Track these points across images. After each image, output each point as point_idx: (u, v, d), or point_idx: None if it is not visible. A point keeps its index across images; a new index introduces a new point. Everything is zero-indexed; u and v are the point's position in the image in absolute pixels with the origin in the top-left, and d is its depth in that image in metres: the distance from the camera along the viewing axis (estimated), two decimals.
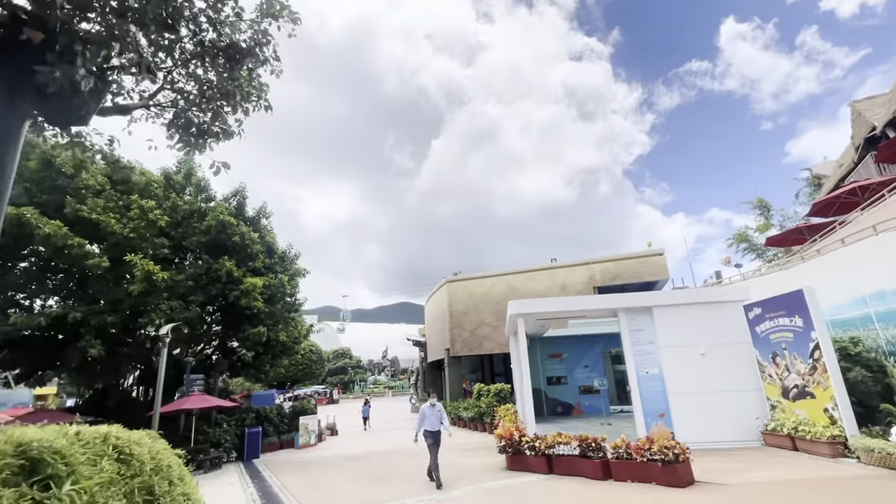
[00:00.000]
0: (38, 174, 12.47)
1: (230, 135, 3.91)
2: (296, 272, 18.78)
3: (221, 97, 3.64)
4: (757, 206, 34.84)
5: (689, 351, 10.47)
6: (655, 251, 21.61)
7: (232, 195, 17.49)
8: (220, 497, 9.41)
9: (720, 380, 10.21)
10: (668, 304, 10.70)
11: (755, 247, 33.81)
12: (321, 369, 55.23)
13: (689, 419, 10.01)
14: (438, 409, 8.98)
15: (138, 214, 13.22)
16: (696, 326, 10.58)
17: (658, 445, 6.96)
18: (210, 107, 3.66)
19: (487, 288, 22.74)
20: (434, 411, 8.88)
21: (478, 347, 22.20)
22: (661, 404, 10.35)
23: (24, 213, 10.79)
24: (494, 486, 8.24)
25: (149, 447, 3.62)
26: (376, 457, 12.89)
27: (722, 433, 9.86)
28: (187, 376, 15.17)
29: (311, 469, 11.90)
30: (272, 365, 19.68)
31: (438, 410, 8.94)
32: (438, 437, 8.85)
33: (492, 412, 16.21)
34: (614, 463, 7.57)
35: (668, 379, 10.38)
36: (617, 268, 21.42)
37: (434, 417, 8.81)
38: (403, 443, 15.82)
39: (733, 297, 10.62)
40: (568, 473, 8.23)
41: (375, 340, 77.83)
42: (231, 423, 15.55)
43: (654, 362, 10.62)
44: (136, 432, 3.86)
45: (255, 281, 14.64)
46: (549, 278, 21.72)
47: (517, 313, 10.88)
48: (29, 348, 11.84)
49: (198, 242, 14.93)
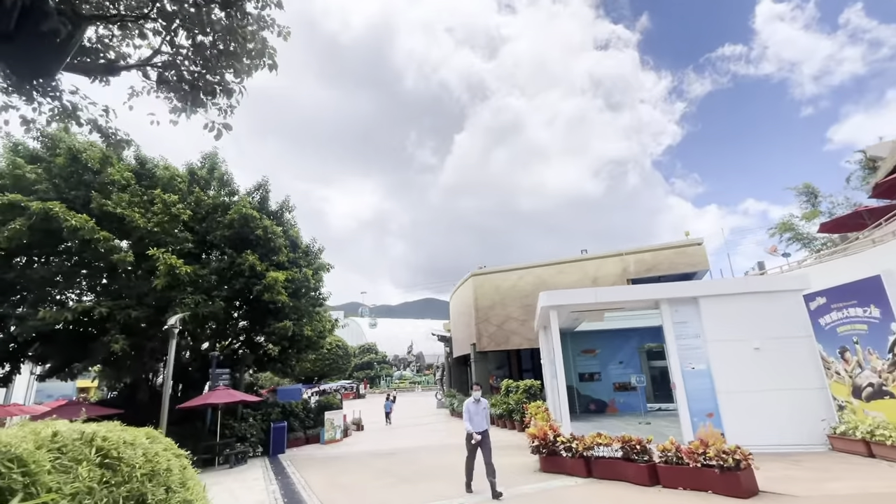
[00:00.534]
0: (66, 170, 12.60)
1: (230, 92, 3.47)
2: (320, 266, 18.58)
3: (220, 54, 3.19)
4: (803, 193, 32.54)
5: (740, 345, 9.51)
6: (693, 241, 20.36)
7: (255, 189, 17.41)
8: (242, 494, 9.19)
9: (777, 377, 9.23)
10: (717, 294, 9.76)
11: (801, 236, 31.62)
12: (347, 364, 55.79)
13: (741, 420, 9.09)
14: (484, 405, 7.80)
15: (161, 209, 13.22)
16: (748, 318, 9.60)
17: (715, 449, 6.18)
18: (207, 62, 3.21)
19: (514, 281, 22.00)
20: (479, 408, 7.71)
21: (505, 342, 21.54)
22: (708, 403, 9.46)
23: (51, 207, 10.86)
24: (528, 489, 7.63)
25: (145, 449, 3.21)
26: (402, 454, 12.49)
27: (780, 436, 8.90)
28: (213, 371, 15.18)
29: (335, 466, 11.61)
30: (298, 359, 19.61)
31: (484, 407, 7.78)
32: (487, 437, 7.68)
33: (521, 409, 15.56)
34: (662, 468, 6.83)
35: (716, 376, 9.48)
36: (652, 259, 20.29)
37: (479, 415, 7.65)
38: (430, 440, 15.41)
39: (791, 285, 9.58)
40: (608, 477, 7.54)
41: (401, 336, 78.17)
42: (257, 417, 15.52)
43: (700, 357, 9.72)
44: (132, 431, 3.47)
45: (277, 275, 14.46)
46: (579, 270, 20.80)
47: (549, 305, 10.18)
48: (58, 343, 12.00)
49: (221, 237, 14.87)
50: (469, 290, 23.45)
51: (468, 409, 7.70)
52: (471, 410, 7.69)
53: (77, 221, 11.01)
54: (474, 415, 7.65)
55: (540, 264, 21.85)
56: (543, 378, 16.20)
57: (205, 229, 15.11)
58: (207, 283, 14.00)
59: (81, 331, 12.59)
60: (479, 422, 7.62)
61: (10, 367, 12.52)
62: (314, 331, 17.57)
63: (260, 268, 14.51)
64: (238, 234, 15.00)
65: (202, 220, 15.27)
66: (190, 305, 12.95)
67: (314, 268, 17.92)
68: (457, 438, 15.09)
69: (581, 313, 11.34)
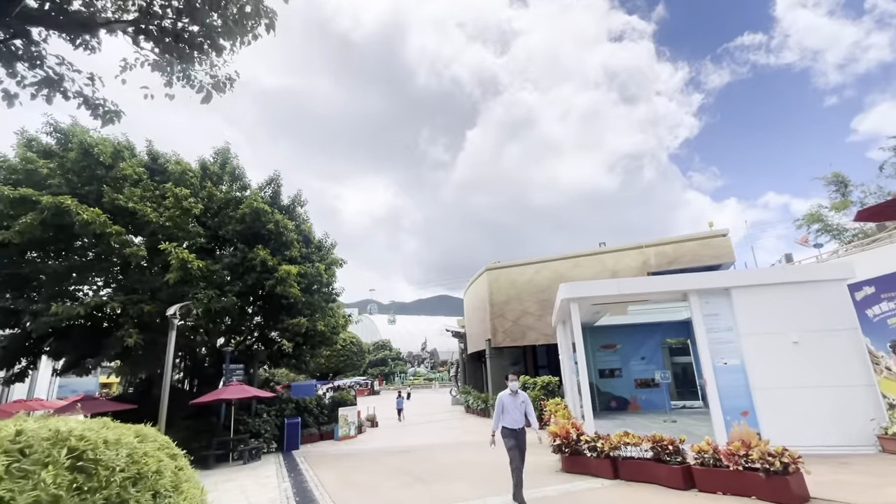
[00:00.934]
0: (79, 164, 12.55)
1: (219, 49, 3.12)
2: (333, 261, 18.34)
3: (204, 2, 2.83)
4: (832, 183, 31.06)
5: (776, 339, 8.88)
6: (718, 231, 19.50)
7: (267, 184, 17.23)
8: (254, 492, 8.96)
9: (818, 373, 8.57)
10: (750, 285, 9.12)
11: (830, 227, 30.21)
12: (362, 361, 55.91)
13: (779, 418, 8.47)
14: (522, 398, 6.73)
15: (173, 203, 13.10)
16: (785, 310, 8.95)
17: (759, 451, 5.64)
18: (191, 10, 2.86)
19: (530, 275, 21.45)
20: (516, 402, 6.66)
21: (521, 338, 21.03)
22: (742, 400, 8.86)
23: (62, 201, 10.77)
24: (550, 491, 7.20)
25: (131, 449, 2.88)
26: (417, 452, 12.16)
27: (822, 436, 8.26)
28: (226, 366, 15.08)
29: (348, 463, 11.34)
30: (312, 355, 19.46)
31: (522, 402, 6.70)
32: (523, 438, 6.57)
33: (539, 407, 15.10)
34: (699, 470, 6.31)
35: (751, 371, 8.86)
36: (674, 251, 19.50)
37: (517, 411, 6.59)
38: (444, 437, 15.07)
39: (834, 274, 8.88)
40: (637, 479, 7.05)
41: (415, 333, 78.18)
42: (271, 413, 15.38)
43: (733, 352, 9.11)
44: (119, 429, 3.14)
45: (290, 268, 14.25)
46: (597, 264, 20.14)
47: (570, 297, 9.68)
48: (72, 338, 11.97)
49: (233, 231, 14.72)
50: (484, 284, 22.99)
51: (502, 404, 6.71)
52: (505, 404, 6.69)
53: (89, 215, 10.91)
54: (510, 409, 6.64)
55: (557, 258, 21.25)
56: (562, 374, 15.70)
57: (217, 224, 14.99)
58: (220, 278, 13.86)
59: (95, 326, 12.56)
60: (516, 417, 6.61)
61: (27, 363, 12.57)
62: (327, 326, 17.35)
63: (272, 262, 14.31)
64: (249, 229, 14.83)
65: (215, 215, 15.15)
66: (202, 300, 12.81)
67: (327, 262, 17.69)
68: (472, 436, 14.73)
69: (603, 306, 10.81)
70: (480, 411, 20.62)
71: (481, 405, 20.53)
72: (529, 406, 6.82)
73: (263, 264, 14.14)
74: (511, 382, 6.97)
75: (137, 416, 13.46)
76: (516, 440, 6.53)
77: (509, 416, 6.63)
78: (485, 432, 15.37)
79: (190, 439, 13.21)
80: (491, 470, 9.07)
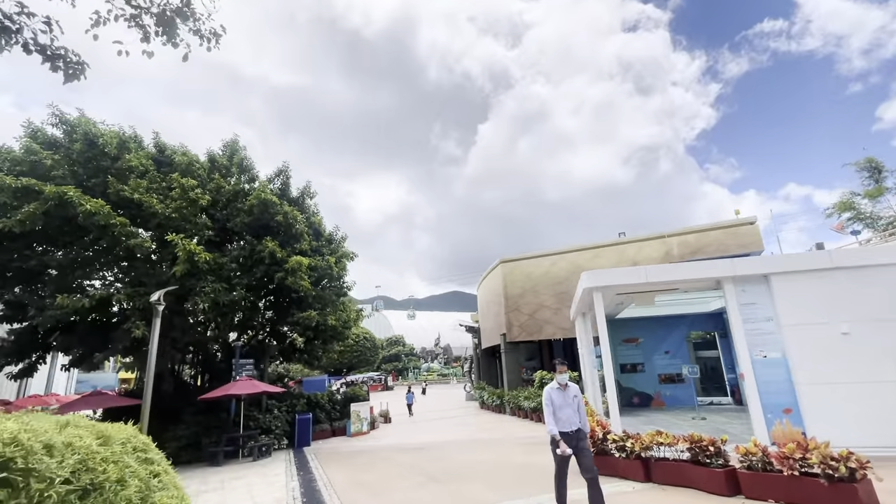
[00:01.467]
0: (84, 155, 12.30)
1: None
2: (343, 254, 17.94)
3: None
4: (864, 169, 29.49)
5: (823, 329, 8.09)
6: (745, 219, 18.54)
7: (275, 175, 16.86)
8: (260, 491, 8.57)
9: (873, 366, 7.77)
10: (793, 271, 8.33)
11: (863, 215, 28.71)
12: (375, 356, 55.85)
13: (828, 416, 7.72)
14: (574, 393, 5.50)
15: (179, 194, 12.79)
16: (833, 298, 8.15)
17: (819, 454, 4.96)
18: None
19: (547, 267, 20.76)
20: (567, 397, 5.42)
21: (537, 332, 20.39)
22: (785, 397, 8.12)
23: (65, 191, 10.51)
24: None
25: (86, 454, 2.41)
26: (430, 449, 11.67)
27: (877, 436, 7.47)
28: (236, 361, 14.81)
29: (360, 460, 10.91)
30: (324, 350, 19.12)
31: (575, 397, 5.47)
32: (583, 440, 5.38)
33: None
34: (745, 474, 5.65)
35: (794, 365, 8.10)
36: (698, 240, 18.62)
37: (568, 408, 5.36)
38: (459, 434, 14.56)
39: (890, 258, 8.04)
40: (673, 483, 6.41)
41: (428, 328, 77.96)
42: (282, 409, 15.08)
43: (773, 344, 8.35)
44: (77, 429, 2.69)
45: (301, 259, 13.86)
46: (617, 255, 19.36)
47: (593, 287, 9.03)
48: (79, 332, 11.77)
49: (241, 223, 14.38)
50: (498, 277, 22.37)
51: (551, 400, 5.41)
52: (555, 401, 5.38)
53: (92, 206, 10.63)
54: (561, 407, 5.35)
55: (574, 249, 20.51)
56: (581, 369, 15.04)
57: (225, 217, 14.68)
58: (228, 271, 13.55)
59: (102, 320, 12.35)
60: (570, 417, 5.33)
61: (36, 358, 12.43)
62: (339, 320, 16.95)
63: (280, 254, 13.94)
64: (258, 221, 14.48)
65: (223, 208, 14.85)
66: (209, 294, 12.51)
67: (337, 256, 17.29)
68: (487, 433, 14.19)
69: (628, 296, 10.12)
70: (496, 407, 20.08)
71: (496, 401, 19.98)
72: (581, 402, 5.55)
73: (272, 256, 13.78)
74: (560, 375, 5.52)
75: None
76: (570, 444, 5.26)
77: (563, 412, 5.39)
78: (501, 429, 14.92)
79: (200, 435, 12.99)
80: (509, 470, 8.53)
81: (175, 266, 12.01)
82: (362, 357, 51.35)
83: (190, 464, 12.54)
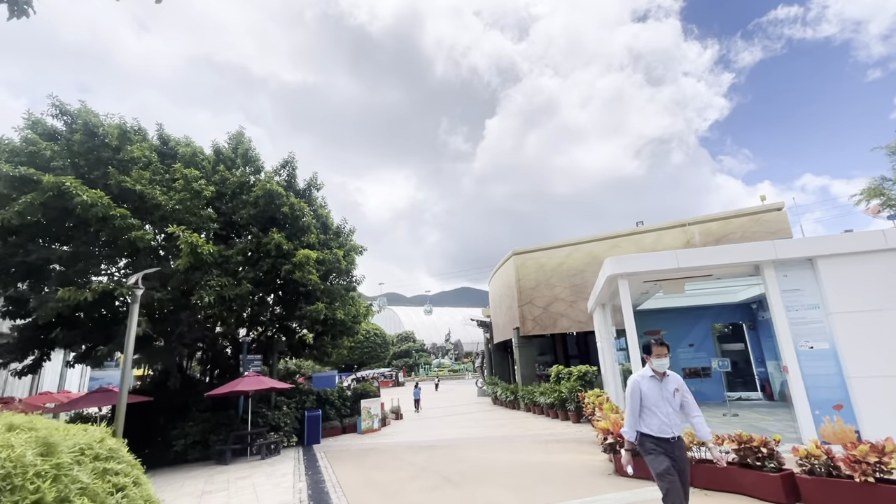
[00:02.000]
0: (84, 146, 11.93)
1: None
2: (352, 248, 17.47)
3: None
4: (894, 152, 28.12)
5: (878, 317, 7.33)
6: (773, 205, 17.58)
7: (281, 166, 16.39)
8: (265, 493, 8.10)
9: None
10: (842, 254, 7.58)
11: (893, 201, 27.38)
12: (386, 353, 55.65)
13: (885, 413, 6.98)
14: (676, 384, 4.01)
15: (182, 185, 12.38)
16: (888, 283, 7.38)
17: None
18: None
19: (561, 259, 20.03)
20: (665, 390, 3.94)
21: (552, 326, 19.70)
22: (834, 392, 7.39)
23: (63, 181, 10.13)
24: (610, 500, 5.99)
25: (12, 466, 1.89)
26: (444, 447, 11.13)
27: None
28: (244, 356, 14.43)
29: (370, 459, 10.41)
30: (334, 346, 18.71)
31: (676, 389, 3.98)
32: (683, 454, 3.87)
33: (576, 398, 13.84)
34: (806, 480, 4.97)
35: (845, 357, 7.36)
36: (722, 228, 17.73)
37: (667, 405, 3.89)
38: (472, 431, 14.00)
39: None
40: (717, 488, 5.76)
41: (438, 324, 77.57)
42: (291, 405, 14.67)
43: (821, 334, 7.62)
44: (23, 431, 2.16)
45: (308, 252, 13.40)
46: (635, 244, 18.56)
47: (618, 273, 8.36)
48: (80, 327, 11.46)
49: (247, 216, 13.96)
50: (510, 270, 21.71)
51: (640, 393, 3.96)
52: (647, 395, 3.91)
53: (89, 196, 10.24)
54: (657, 404, 3.87)
55: (590, 239, 19.74)
56: (600, 363, 14.37)
57: (230, 209, 14.28)
58: (234, 264, 13.14)
59: (104, 314, 12.02)
60: (668, 418, 3.84)
61: (39, 354, 12.16)
62: (348, 315, 16.50)
63: (287, 247, 13.50)
64: (264, 213, 14.05)
65: (229, 201, 14.45)
66: (215, 287, 12.11)
67: (346, 249, 16.81)
68: (502, 430, 13.59)
69: (654, 285, 9.42)
70: (510, 403, 19.48)
71: (510, 397, 19.38)
72: (690, 398, 4.02)
73: (278, 248, 13.34)
74: (657, 359, 3.99)
75: (153, 408, 12.86)
76: (672, 458, 3.76)
77: (655, 415, 3.85)
78: (517, 426, 14.29)
79: (208, 433, 12.61)
80: (530, 470, 7.94)
81: (178, 260, 11.63)
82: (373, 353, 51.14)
83: (198, 462, 12.20)
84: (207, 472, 10.71)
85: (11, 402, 12.32)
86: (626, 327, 8.38)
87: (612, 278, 8.65)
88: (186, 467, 11.71)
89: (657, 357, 4.04)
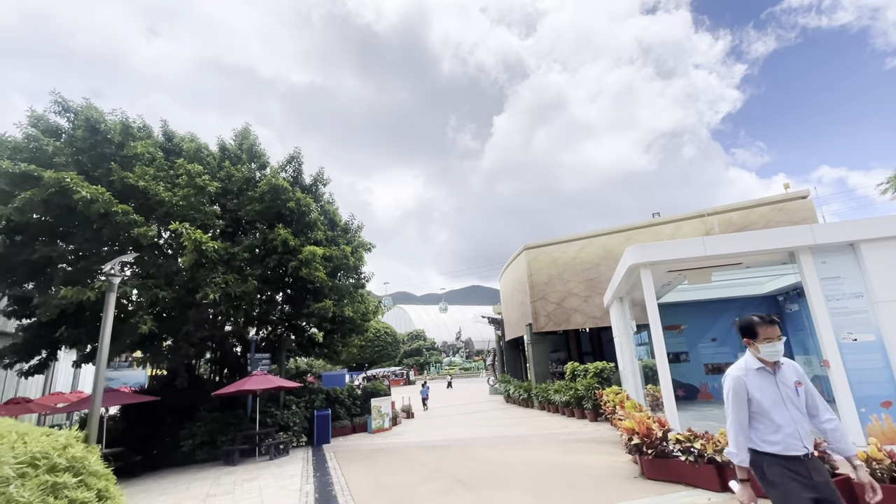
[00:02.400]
0: (86, 142, 11.73)
1: None
2: (360, 244, 17.12)
3: None
4: None
5: None
6: (797, 193, 16.83)
7: (287, 162, 16.10)
8: (271, 495, 7.76)
9: None
10: (889, 237, 6.98)
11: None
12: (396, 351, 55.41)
13: None
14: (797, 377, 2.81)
15: (186, 181, 12.13)
16: None
17: None
18: None
19: (575, 253, 19.48)
20: (784, 386, 2.75)
21: (565, 322, 19.17)
22: (882, 388, 6.80)
23: (64, 177, 9.91)
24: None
25: None
26: (456, 447, 10.71)
27: None
28: (251, 355, 14.18)
29: (380, 460, 10.04)
30: (343, 344, 18.42)
31: (797, 382, 2.79)
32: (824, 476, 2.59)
33: (593, 396, 13.32)
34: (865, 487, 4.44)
35: (893, 350, 6.77)
36: (743, 218, 17.03)
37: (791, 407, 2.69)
38: (485, 430, 13.55)
39: None
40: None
41: (449, 322, 77.18)
42: (300, 405, 14.39)
43: (865, 325, 7.03)
44: None
45: (315, 249, 13.08)
46: (651, 236, 17.93)
47: (641, 262, 7.84)
48: (84, 325, 11.27)
49: (252, 212, 13.69)
50: (522, 265, 21.20)
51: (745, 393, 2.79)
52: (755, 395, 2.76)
53: (90, 192, 10.01)
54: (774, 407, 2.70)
55: (604, 232, 19.15)
56: (617, 359, 13.82)
57: (236, 206, 14.03)
58: (240, 261, 12.88)
59: None
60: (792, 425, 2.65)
61: (46, 354, 12.02)
62: (357, 312, 16.17)
63: (293, 243, 13.18)
64: (270, 209, 13.76)
65: (235, 197, 14.20)
66: (221, 285, 11.85)
67: (354, 246, 16.48)
68: (517, 429, 13.11)
69: (677, 276, 8.87)
70: (523, 401, 18.98)
71: (523, 395, 18.88)
72: (816, 395, 2.82)
73: (285, 244, 13.04)
74: (767, 343, 2.77)
75: (160, 408, 12.63)
76: (814, 488, 2.53)
77: (774, 423, 2.70)
78: (531, 425, 13.77)
79: (215, 433, 12.38)
80: (548, 472, 7.47)
81: (182, 257, 11.37)
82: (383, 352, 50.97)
83: (206, 463, 11.97)
84: (215, 473, 10.45)
85: (19, 403, 12.20)
86: (650, 320, 7.87)
87: (634, 268, 8.14)
88: (194, 468, 11.47)
89: (766, 341, 2.78)
